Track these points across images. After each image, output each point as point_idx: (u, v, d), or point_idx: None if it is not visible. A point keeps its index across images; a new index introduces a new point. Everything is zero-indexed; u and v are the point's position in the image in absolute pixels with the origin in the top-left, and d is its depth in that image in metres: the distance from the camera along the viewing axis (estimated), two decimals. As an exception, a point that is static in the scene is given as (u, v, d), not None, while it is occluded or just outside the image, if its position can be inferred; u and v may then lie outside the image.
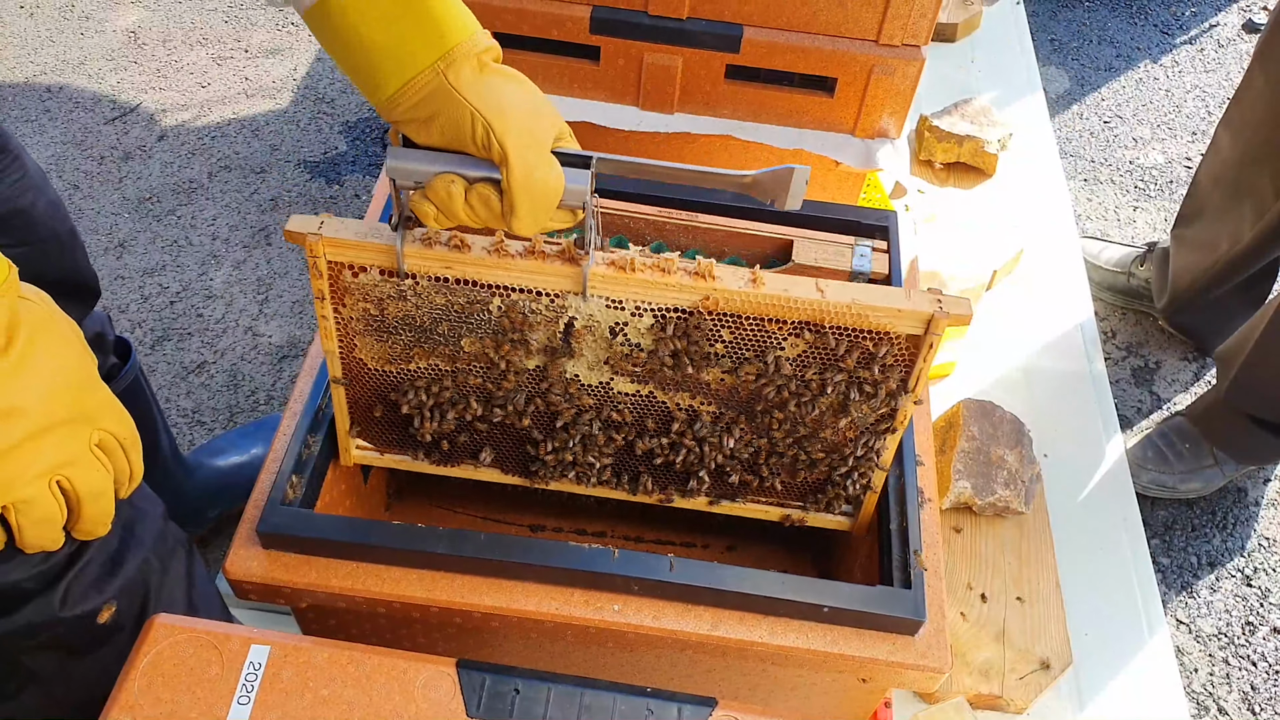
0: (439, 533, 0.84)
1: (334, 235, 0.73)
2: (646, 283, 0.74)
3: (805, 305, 0.74)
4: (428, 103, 0.66)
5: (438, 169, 0.67)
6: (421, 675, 0.68)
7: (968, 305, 0.74)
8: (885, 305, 0.75)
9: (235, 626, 0.69)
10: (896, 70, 1.20)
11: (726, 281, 0.74)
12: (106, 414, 0.64)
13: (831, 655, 0.82)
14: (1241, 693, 1.29)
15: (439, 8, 0.64)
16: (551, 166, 0.67)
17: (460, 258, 0.74)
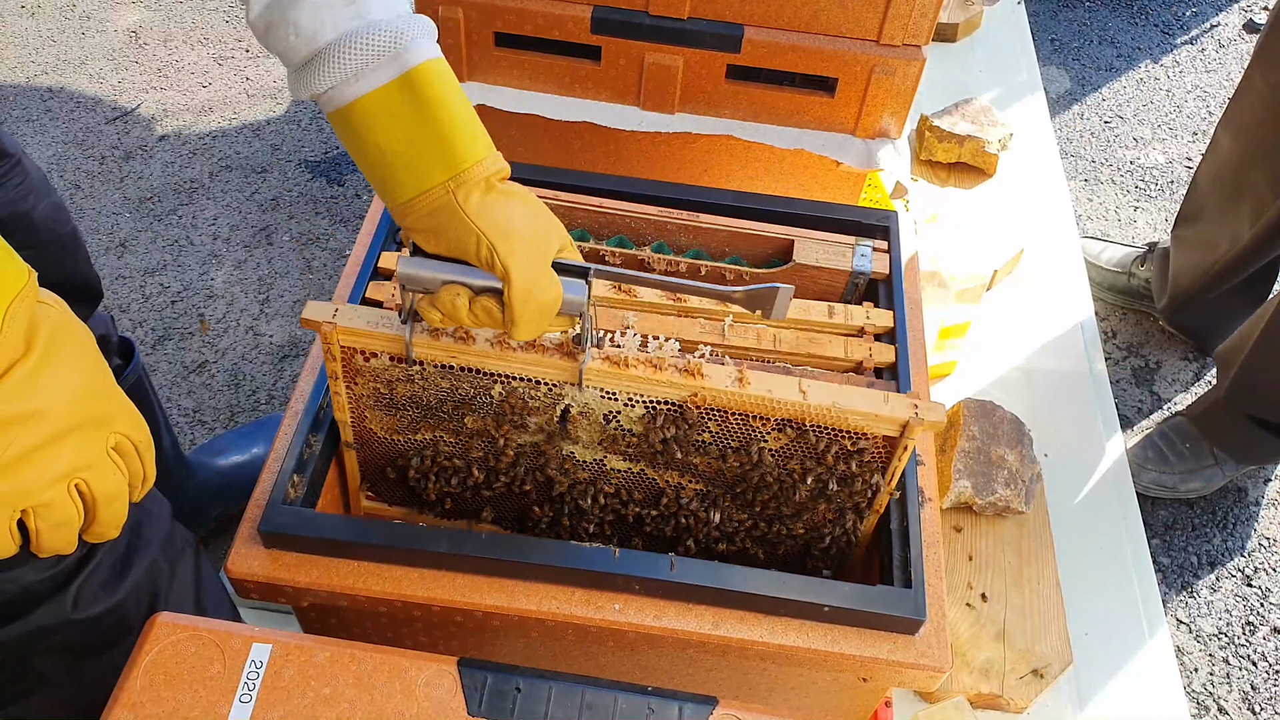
0: (440, 532, 0.84)
1: (347, 324, 0.80)
2: (638, 378, 0.80)
3: (787, 405, 0.80)
4: (436, 215, 0.69)
5: (445, 278, 0.73)
6: (423, 674, 0.68)
7: (942, 411, 0.79)
8: (864, 409, 0.79)
9: (237, 625, 0.69)
10: (897, 70, 1.20)
11: (714, 380, 0.80)
12: (122, 417, 0.65)
13: (832, 654, 0.82)
14: (1242, 692, 1.29)
15: (454, 132, 0.68)
16: (551, 283, 0.71)
17: (464, 349, 0.80)
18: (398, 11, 0.68)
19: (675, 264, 1.09)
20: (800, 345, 1.00)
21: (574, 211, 1.10)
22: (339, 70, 0.67)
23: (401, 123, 0.68)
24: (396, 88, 0.67)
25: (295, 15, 0.66)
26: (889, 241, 1.09)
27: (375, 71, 0.67)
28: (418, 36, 0.68)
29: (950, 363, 1.44)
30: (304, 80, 0.68)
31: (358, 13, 0.67)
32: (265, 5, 0.66)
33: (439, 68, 0.69)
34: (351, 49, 0.66)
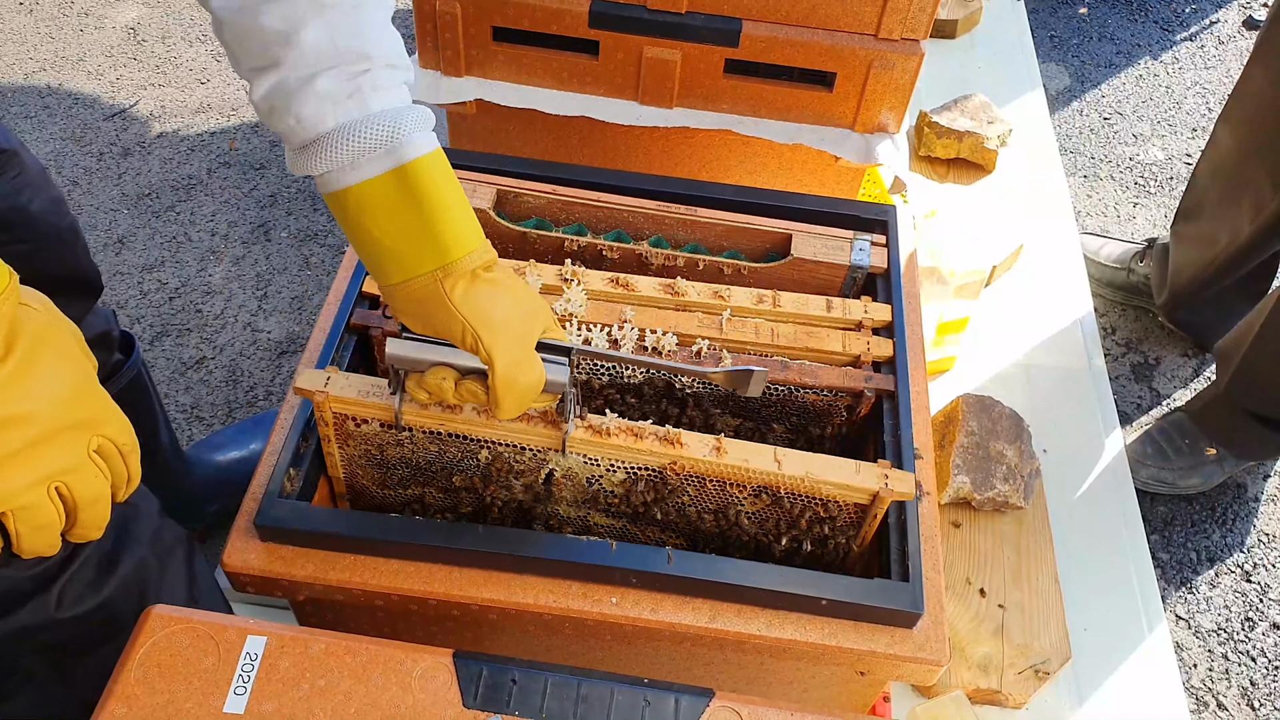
0: (436, 525, 0.84)
1: (339, 394, 0.84)
2: (619, 446, 0.83)
3: (762, 474, 0.83)
4: (423, 302, 0.72)
5: (432, 360, 0.77)
6: (419, 666, 0.68)
7: (911, 482, 0.83)
8: (835, 479, 0.83)
9: (232, 617, 0.69)
10: (896, 65, 1.20)
11: (692, 449, 0.83)
12: (106, 420, 0.65)
13: (829, 648, 0.82)
14: (1241, 688, 1.29)
15: (444, 225, 0.70)
16: (533, 367, 0.74)
17: (452, 417, 0.84)
18: (397, 104, 0.70)
19: (673, 258, 1.09)
20: (798, 339, 1.00)
21: (572, 206, 1.10)
22: (336, 158, 0.68)
23: (394, 213, 0.69)
24: (391, 179, 0.69)
25: (298, 105, 0.67)
26: (887, 236, 1.09)
27: (371, 162, 0.69)
28: (415, 130, 0.70)
29: (949, 358, 1.44)
30: (302, 161, 0.70)
31: (358, 104, 0.68)
32: (269, 89, 0.67)
33: (434, 161, 0.70)
34: (350, 140, 0.68)
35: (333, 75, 0.67)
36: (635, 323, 0.99)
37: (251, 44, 0.67)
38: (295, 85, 0.67)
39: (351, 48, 0.67)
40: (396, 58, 0.71)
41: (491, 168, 1.11)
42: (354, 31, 0.67)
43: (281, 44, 0.66)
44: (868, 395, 0.97)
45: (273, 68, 0.67)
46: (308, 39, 0.66)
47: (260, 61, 0.67)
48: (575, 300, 0.99)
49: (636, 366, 0.97)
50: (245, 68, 0.69)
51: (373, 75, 0.68)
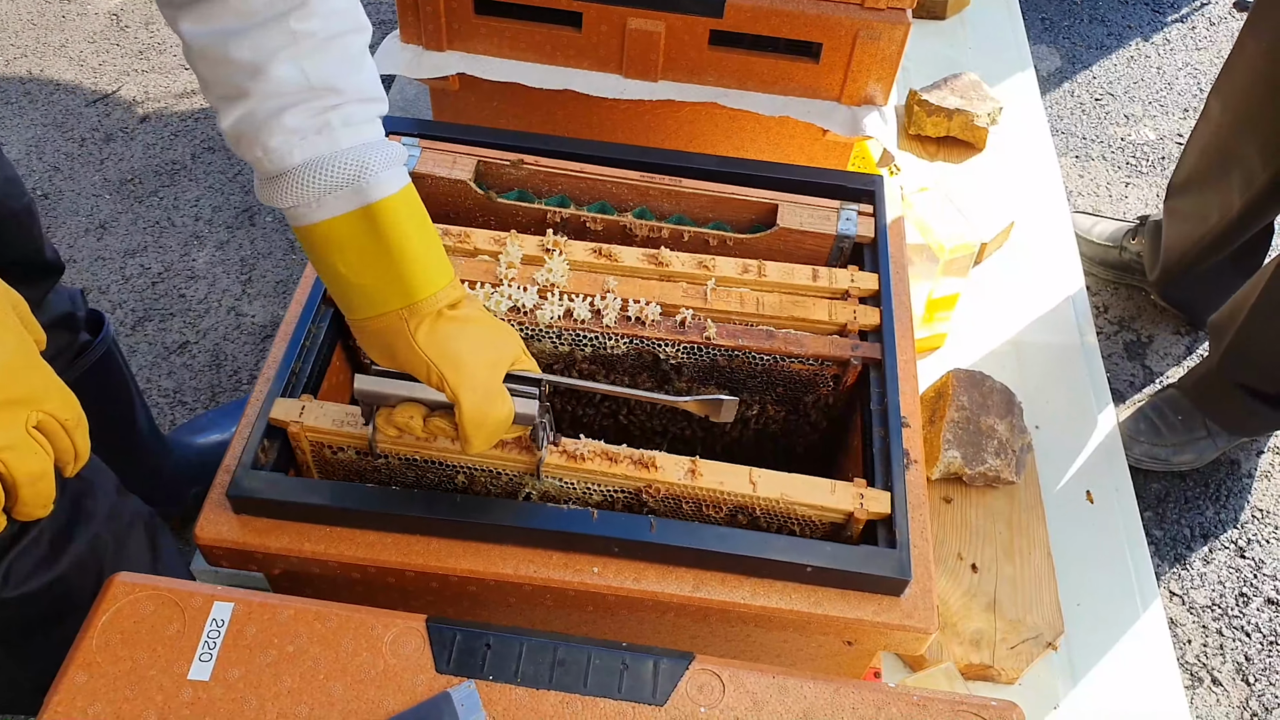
0: (413, 495, 0.82)
1: (314, 424, 0.84)
2: (594, 470, 0.83)
3: (737, 497, 0.83)
4: (388, 339, 0.71)
5: (399, 395, 0.77)
6: (390, 631, 0.66)
7: (886, 501, 0.83)
8: (810, 501, 0.83)
9: (198, 584, 0.67)
10: (882, 35, 1.19)
11: (667, 472, 0.83)
12: (47, 395, 0.63)
13: (815, 616, 0.80)
14: (1235, 663, 1.28)
15: (410, 265, 0.69)
16: (502, 403, 0.73)
17: (427, 445, 0.83)
18: (367, 139, 0.68)
19: (658, 229, 1.07)
20: (784, 309, 0.98)
21: (555, 177, 1.08)
22: (302, 194, 0.67)
23: (359, 251, 0.69)
24: (358, 218, 0.68)
25: (265, 137, 0.66)
26: (874, 206, 1.07)
27: (338, 200, 0.67)
28: (384, 168, 0.68)
29: (939, 335, 1.42)
30: (268, 193, 0.69)
31: (327, 140, 0.67)
32: (237, 119, 0.66)
33: (402, 201, 0.69)
34: (316, 176, 0.67)
35: (302, 110, 0.66)
36: (618, 293, 0.97)
37: (221, 73, 0.65)
38: (263, 117, 0.65)
39: (322, 81, 0.66)
40: (370, 91, 0.69)
41: (473, 139, 1.09)
42: (326, 65, 0.66)
43: (250, 75, 0.64)
44: (854, 363, 0.95)
45: (241, 98, 0.65)
46: (277, 72, 0.64)
47: (228, 91, 0.66)
48: (557, 270, 0.98)
49: (605, 398, 1.00)
50: (214, 95, 0.67)
51: (343, 110, 0.67)
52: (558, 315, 0.95)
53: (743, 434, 1.07)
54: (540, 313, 0.95)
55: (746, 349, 0.96)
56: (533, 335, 0.97)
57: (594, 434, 1.09)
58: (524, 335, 0.97)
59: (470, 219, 1.09)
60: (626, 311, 0.96)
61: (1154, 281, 1.59)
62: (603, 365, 1.00)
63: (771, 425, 1.06)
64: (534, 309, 0.95)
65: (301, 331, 0.94)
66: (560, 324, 0.96)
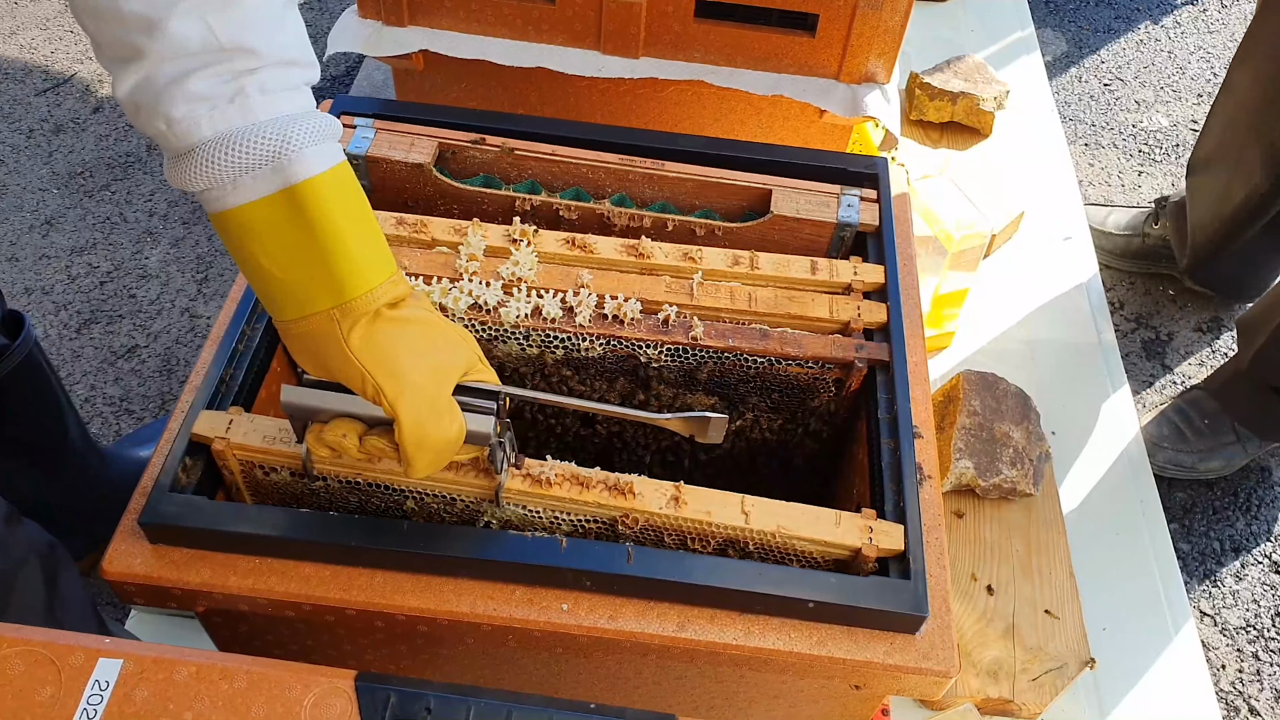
0: (355, 521, 0.71)
1: (241, 440, 0.73)
2: (562, 498, 0.72)
3: (728, 529, 0.72)
4: (319, 343, 0.61)
5: (333, 410, 0.66)
6: (312, 692, 0.55)
7: (899, 536, 0.72)
8: (811, 535, 0.72)
9: (83, 637, 0.56)
10: (884, 5, 1.08)
11: (647, 500, 0.72)
12: None
13: (819, 658, 0.70)
14: (1275, 690, 1.17)
15: (341, 257, 0.59)
16: (450, 421, 0.63)
17: (370, 467, 0.72)
18: (291, 111, 0.58)
19: (638, 218, 0.96)
20: (779, 305, 0.88)
21: (525, 160, 0.98)
22: (214, 174, 0.57)
23: (283, 241, 0.59)
24: (280, 201, 0.58)
25: (167, 106, 0.55)
26: (879, 190, 0.97)
27: (256, 181, 0.57)
28: (310, 143, 0.58)
29: (948, 334, 1.32)
30: (177, 174, 0.58)
31: (241, 111, 0.56)
32: (134, 85, 0.55)
33: (332, 181, 0.59)
34: (228, 153, 0.56)
35: (210, 73, 0.55)
36: (593, 288, 0.86)
37: (112, 29, 0.54)
38: (164, 83, 0.55)
39: (234, 40, 0.55)
40: (295, 53, 0.58)
41: (433, 119, 0.99)
42: (238, 20, 0.55)
43: (146, 32, 0.54)
44: (859, 366, 0.85)
45: (137, 60, 0.55)
46: (177, 27, 0.54)
47: (122, 51, 0.55)
48: (525, 263, 0.87)
49: (578, 412, 0.89)
50: (105, 57, 0.56)
51: (261, 75, 0.56)
52: (525, 313, 0.85)
53: (735, 445, 0.96)
54: (505, 311, 0.84)
55: (737, 350, 0.86)
56: (497, 336, 0.86)
57: (569, 446, 0.98)
58: (487, 336, 0.86)
59: (431, 207, 0.98)
60: (603, 309, 0.86)
61: (1185, 268, 1.49)
62: (576, 369, 0.89)
63: (767, 436, 0.95)
64: (498, 306, 0.85)
65: (235, 333, 0.83)
66: (527, 323, 0.85)
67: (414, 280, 0.85)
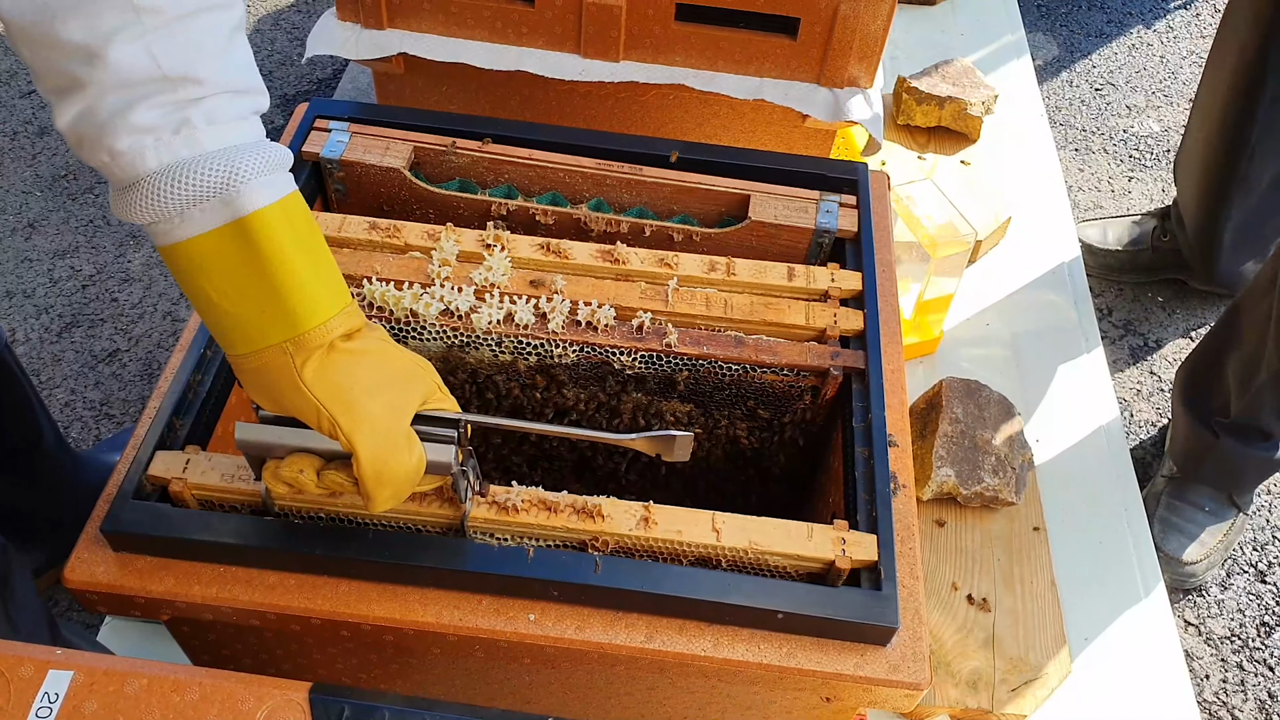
0: (318, 530, 0.70)
1: (200, 480, 0.72)
2: (530, 524, 0.71)
3: (699, 547, 0.72)
4: (271, 377, 0.60)
5: (289, 445, 0.65)
6: (264, 705, 0.54)
7: (872, 547, 0.71)
8: (783, 550, 0.71)
9: (32, 648, 0.55)
10: (866, 8, 1.07)
11: (616, 522, 0.71)
12: None
13: (788, 670, 0.69)
14: (1258, 701, 1.16)
15: (293, 290, 0.58)
16: (409, 451, 0.62)
17: (332, 502, 0.71)
18: (239, 141, 0.57)
19: (615, 223, 0.96)
20: (755, 311, 0.87)
21: (501, 165, 0.97)
22: (160, 207, 0.55)
23: (232, 275, 0.57)
24: (228, 234, 0.57)
25: (111, 138, 0.54)
26: (858, 196, 0.96)
27: (204, 213, 0.56)
28: (259, 174, 0.57)
29: (931, 340, 1.31)
30: (122, 206, 0.56)
31: (187, 141, 0.55)
32: (75, 116, 0.54)
33: (283, 212, 0.58)
34: (174, 185, 0.55)
35: (154, 104, 0.54)
36: (567, 294, 0.86)
37: (50, 58, 0.53)
38: (107, 114, 0.53)
39: (178, 69, 0.54)
40: (242, 82, 0.57)
41: (409, 123, 0.98)
42: (181, 48, 0.54)
43: (86, 61, 0.52)
44: (834, 374, 0.84)
45: (77, 90, 0.53)
46: (118, 56, 0.52)
47: (61, 81, 0.53)
48: (498, 268, 0.86)
49: (541, 434, 0.88)
50: (46, 87, 0.55)
51: (206, 105, 0.55)
52: (497, 319, 0.84)
53: (711, 453, 0.96)
54: (476, 317, 0.84)
55: (712, 358, 0.85)
56: (469, 342, 0.85)
57: (545, 454, 0.98)
58: (459, 342, 0.85)
59: (406, 212, 0.98)
60: (576, 315, 0.85)
61: (1195, 269, 1.49)
62: (549, 376, 0.88)
63: (744, 443, 0.94)
64: (470, 312, 0.84)
65: (196, 357, 0.82)
66: (499, 329, 0.84)
67: (385, 285, 0.84)
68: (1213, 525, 1.26)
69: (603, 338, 0.85)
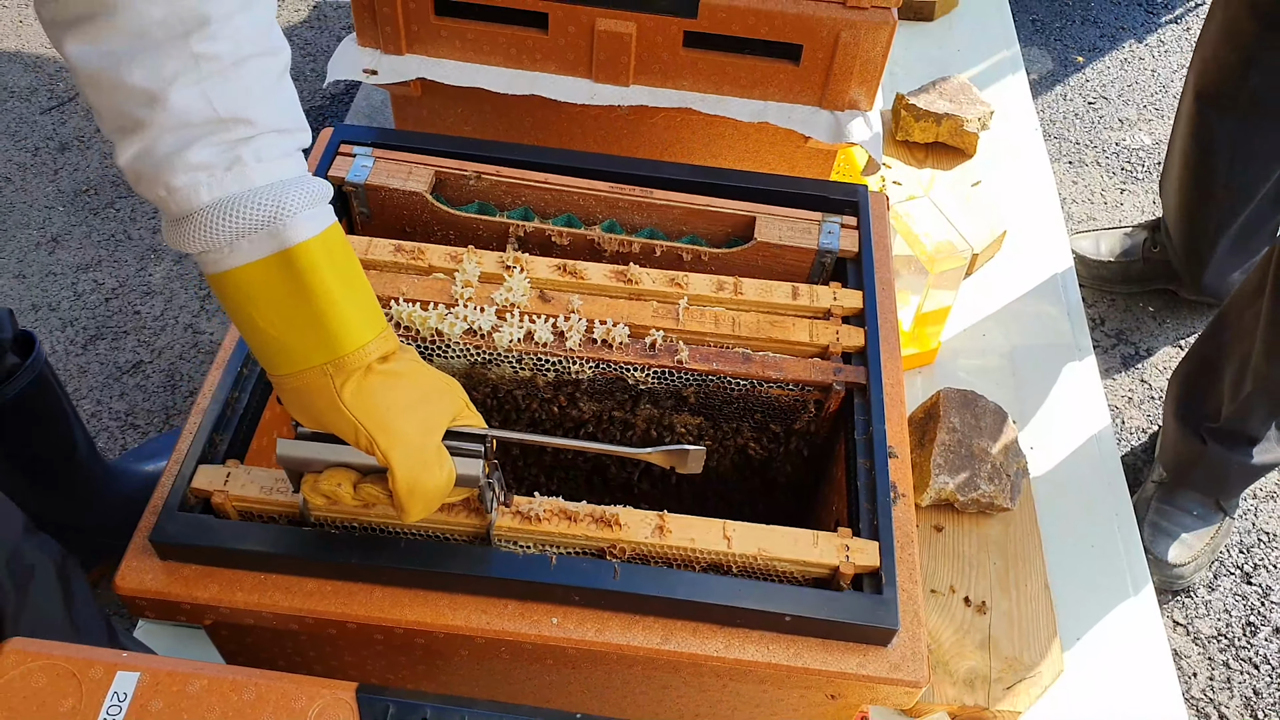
0: (352, 539, 0.75)
1: (240, 492, 0.77)
2: (551, 532, 0.76)
3: (711, 554, 0.76)
4: (312, 397, 0.65)
5: (326, 460, 0.70)
6: (315, 704, 0.59)
7: (874, 553, 0.76)
8: (790, 556, 0.76)
9: (102, 651, 0.60)
10: (866, 35, 1.12)
11: (633, 530, 0.76)
12: None
13: (795, 669, 0.73)
14: (1244, 698, 1.21)
15: (334, 316, 0.63)
16: (440, 466, 0.67)
17: (365, 513, 0.75)
18: (284, 176, 0.61)
19: (628, 244, 1.00)
20: (761, 329, 0.91)
21: (518, 188, 1.02)
22: (211, 238, 0.60)
23: (277, 302, 0.62)
24: (275, 264, 0.61)
25: (168, 175, 0.58)
26: (858, 217, 1.01)
27: (252, 244, 0.60)
28: (304, 208, 0.61)
29: (929, 351, 1.36)
30: (176, 236, 0.61)
31: (237, 178, 0.59)
32: (135, 154, 0.58)
33: (324, 244, 0.63)
34: (226, 218, 0.59)
35: (209, 143, 0.58)
36: (583, 313, 0.90)
37: (114, 102, 0.57)
38: (165, 153, 0.58)
39: (231, 111, 0.58)
40: (286, 121, 0.62)
41: (431, 148, 1.03)
42: (234, 92, 0.59)
43: (147, 104, 0.57)
44: (837, 389, 0.89)
45: (138, 131, 0.58)
46: (178, 100, 0.57)
47: (124, 122, 0.58)
48: (517, 289, 0.91)
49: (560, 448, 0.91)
50: (109, 127, 0.59)
51: (256, 144, 0.60)
52: (517, 338, 0.88)
53: (720, 463, 1.00)
54: (498, 335, 0.88)
55: (721, 373, 0.90)
56: (491, 360, 0.90)
57: (563, 468, 1.02)
58: (481, 360, 0.90)
59: (428, 233, 1.02)
60: (592, 333, 0.89)
61: (1184, 279, 1.54)
62: (566, 391, 0.93)
63: (750, 455, 0.99)
64: (492, 331, 0.89)
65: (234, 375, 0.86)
66: (520, 347, 0.89)
67: (411, 306, 0.89)
68: (1200, 529, 1.31)
69: (617, 355, 0.89)
